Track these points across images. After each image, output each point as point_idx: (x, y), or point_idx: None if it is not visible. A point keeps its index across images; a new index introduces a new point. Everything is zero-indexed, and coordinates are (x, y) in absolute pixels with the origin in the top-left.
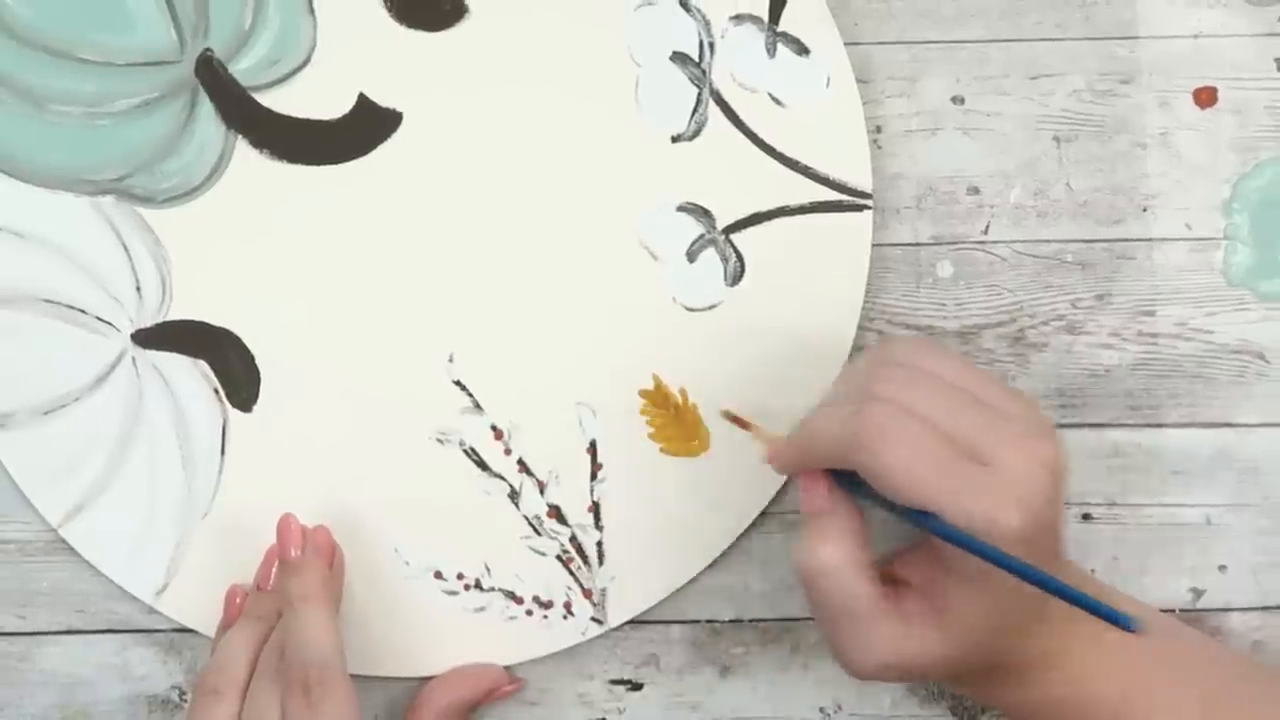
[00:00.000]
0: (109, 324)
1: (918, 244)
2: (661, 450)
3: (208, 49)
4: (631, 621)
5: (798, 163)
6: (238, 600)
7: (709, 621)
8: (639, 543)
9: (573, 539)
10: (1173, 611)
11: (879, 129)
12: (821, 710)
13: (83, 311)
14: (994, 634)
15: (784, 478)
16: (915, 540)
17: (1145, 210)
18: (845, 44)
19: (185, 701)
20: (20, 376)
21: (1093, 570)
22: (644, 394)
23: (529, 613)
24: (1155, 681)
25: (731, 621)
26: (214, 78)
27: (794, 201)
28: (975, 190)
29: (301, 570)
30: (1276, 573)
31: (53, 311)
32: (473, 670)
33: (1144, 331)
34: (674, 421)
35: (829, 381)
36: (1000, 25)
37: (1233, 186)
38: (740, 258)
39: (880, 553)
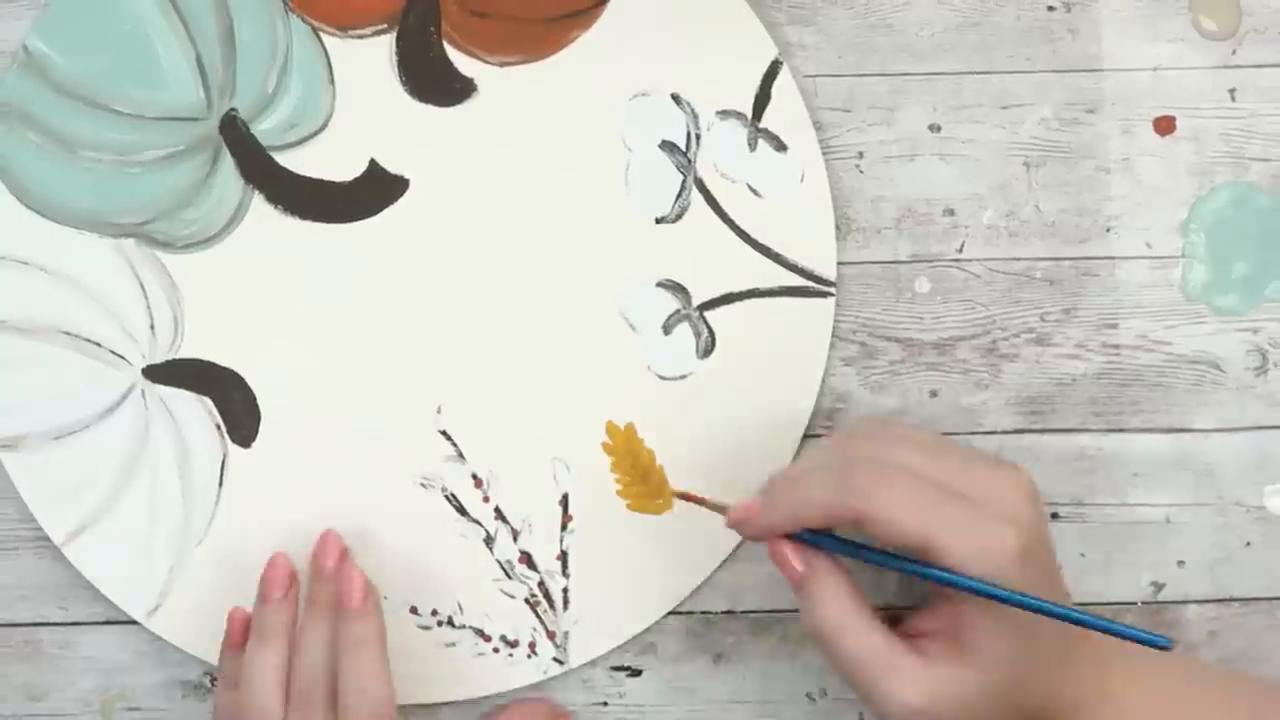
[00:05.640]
0: (122, 358)
1: (897, 262)
2: (629, 507)
3: (233, 109)
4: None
5: (770, 249)
6: (238, 619)
7: (703, 613)
8: (603, 591)
9: (541, 584)
10: (1134, 604)
11: (861, 155)
12: (808, 695)
13: (98, 345)
14: (1021, 664)
15: (740, 537)
16: (928, 595)
17: (1109, 230)
18: (831, 76)
19: (216, 686)
20: (35, 402)
21: (1061, 566)
22: (606, 448)
23: (495, 650)
24: (1197, 715)
25: (725, 613)
26: (237, 136)
27: (764, 285)
28: (951, 212)
29: (364, 617)
30: (1231, 568)
31: (70, 343)
32: (528, 709)
33: (1108, 343)
34: (641, 480)
35: (785, 452)
36: (974, 59)
37: (1190, 208)
38: (712, 333)
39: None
